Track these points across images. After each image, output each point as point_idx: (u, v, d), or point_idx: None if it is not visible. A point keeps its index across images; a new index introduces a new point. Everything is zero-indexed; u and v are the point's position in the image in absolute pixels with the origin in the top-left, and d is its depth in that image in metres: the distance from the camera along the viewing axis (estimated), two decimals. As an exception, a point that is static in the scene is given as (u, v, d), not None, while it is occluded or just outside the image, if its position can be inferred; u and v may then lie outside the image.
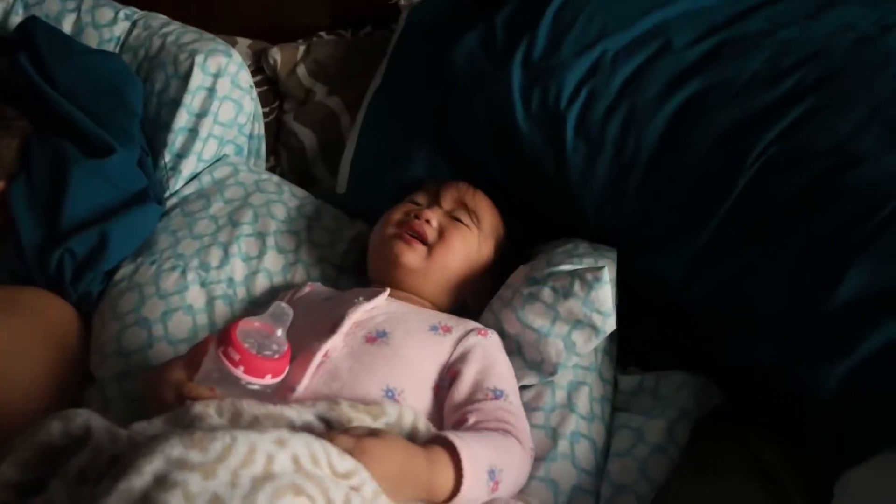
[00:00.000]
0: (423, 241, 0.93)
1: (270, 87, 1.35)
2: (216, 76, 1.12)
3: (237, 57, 1.16)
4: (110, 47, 1.16)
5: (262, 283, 1.01)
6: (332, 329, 0.83)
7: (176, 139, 1.10)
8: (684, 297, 0.93)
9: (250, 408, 0.71)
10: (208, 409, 0.69)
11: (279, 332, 0.75)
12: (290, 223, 1.09)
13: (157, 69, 1.13)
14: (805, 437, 0.82)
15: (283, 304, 0.76)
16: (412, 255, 0.92)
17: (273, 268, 1.03)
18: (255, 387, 0.73)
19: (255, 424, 0.70)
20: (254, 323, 0.76)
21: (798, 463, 0.84)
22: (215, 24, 1.26)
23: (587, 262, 0.92)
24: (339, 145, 1.26)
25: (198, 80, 1.10)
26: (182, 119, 1.10)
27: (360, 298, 0.88)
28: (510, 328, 0.90)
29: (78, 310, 0.97)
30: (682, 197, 0.91)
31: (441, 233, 0.94)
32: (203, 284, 0.97)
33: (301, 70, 1.33)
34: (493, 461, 0.70)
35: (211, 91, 1.12)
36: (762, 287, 0.85)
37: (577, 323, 0.86)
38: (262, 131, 1.25)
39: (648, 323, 0.98)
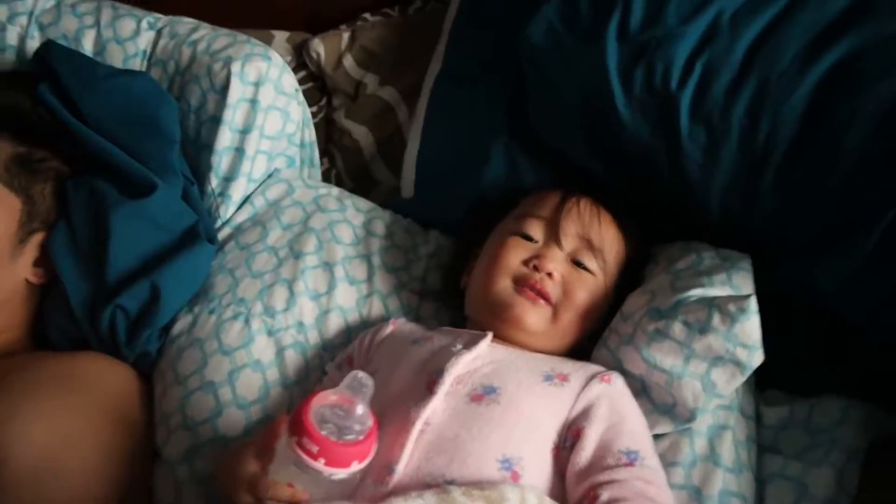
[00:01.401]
0: (547, 301, 0.79)
1: (315, 84, 1.20)
2: (257, 85, 0.98)
3: (277, 59, 1.01)
4: (136, 63, 1.02)
5: (335, 324, 0.89)
6: (429, 388, 0.70)
7: (221, 161, 0.97)
8: (842, 309, 0.77)
9: (344, 512, 0.60)
10: (293, 520, 0.59)
11: (360, 408, 0.64)
12: (358, 246, 0.96)
13: (190, 83, 0.99)
14: None
15: (361, 374, 0.64)
16: (536, 318, 0.78)
17: (346, 304, 0.90)
18: (341, 476, 0.62)
19: (350, 531, 0.59)
20: (329, 397, 0.64)
21: None
22: (248, 17, 1.13)
23: (718, 281, 0.76)
24: (399, 141, 1.12)
25: (237, 92, 0.97)
26: (225, 138, 0.97)
27: (459, 346, 0.74)
28: (634, 368, 0.75)
29: (136, 370, 0.87)
30: (838, 191, 0.74)
31: (565, 287, 0.79)
32: (270, 333, 0.86)
33: (348, 60, 1.17)
34: None
35: (253, 102, 0.98)
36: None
37: (717, 360, 0.71)
38: (314, 136, 1.11)
39: (791, 338, 0.82)
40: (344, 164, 1.18)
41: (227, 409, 0.80)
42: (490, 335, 0.76)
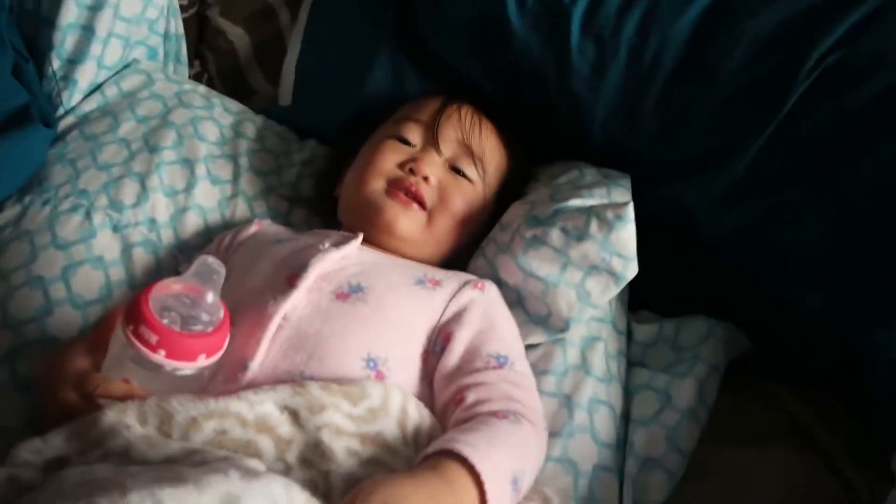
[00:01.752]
0: (422, 205, 0.75)
1: (188, -27, 1.08)
2: (113, -46, 0.86)
3: (141, -71, 0.89)
4: (-36, -89, 0.87)
5: (193, 223, 0.81)
6: (290, 283, 0.65)
7: (65, 39, 0.85)
8: (710, 233, 0.79)
9: (183, 408, 0.54)
10: (125, 418, 0.53)
11: (210, 297, 0.57)
12: (224, 146, 0.88)
13: (29, -57, 0.86)
14: (854, 400, 0.72)
15: (211, 260, 0.58)
16: (408, 223, 0.74)
17: (206, 203, 0.83)
18: (186, 371, 0.56)
19: (192, 429, 0.53)
20: (174, 286, 0.57)
21: (836, 424, 0.74)
22: None
23: (598, 195, 0.76)
24: (279, 46, 1.04)
25: (89, -42, 0.85)
26: (70, 13, 0.85)
27: (326, 244, 0.69)
28: (509, 277, 0.74)
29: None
30: (715, 116, 0.75)
31: (441, 193, 0.76)
32: (115, 228, 0.76)
33: (226, -50, 1.07)
34: (514, 468, 0.56)
35: (108, -25, 0.86)
36: (814, 228, 0.71)
37: (593, 269, 0.71)
38: (181, 29, 1.00)
39: (663, 259, 0.84)
40: (217, 68, 1.08)
41: (59, 307, 0.70)
42: (360, 236, 0.72)
